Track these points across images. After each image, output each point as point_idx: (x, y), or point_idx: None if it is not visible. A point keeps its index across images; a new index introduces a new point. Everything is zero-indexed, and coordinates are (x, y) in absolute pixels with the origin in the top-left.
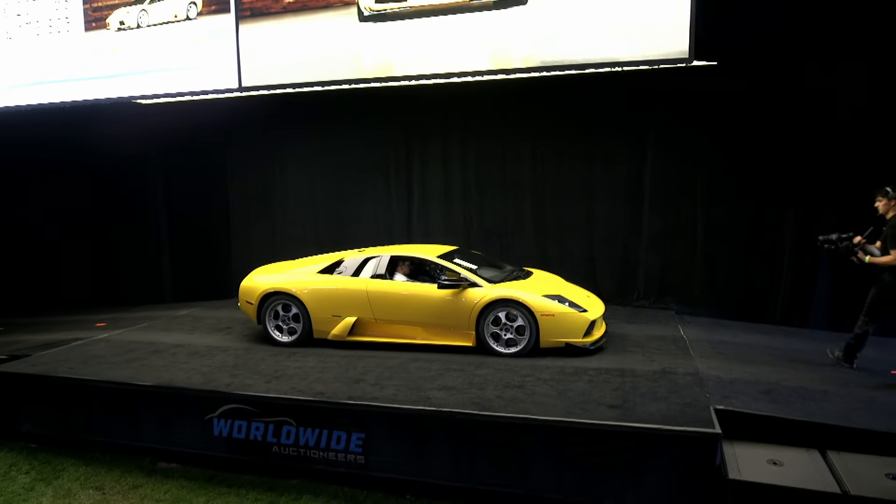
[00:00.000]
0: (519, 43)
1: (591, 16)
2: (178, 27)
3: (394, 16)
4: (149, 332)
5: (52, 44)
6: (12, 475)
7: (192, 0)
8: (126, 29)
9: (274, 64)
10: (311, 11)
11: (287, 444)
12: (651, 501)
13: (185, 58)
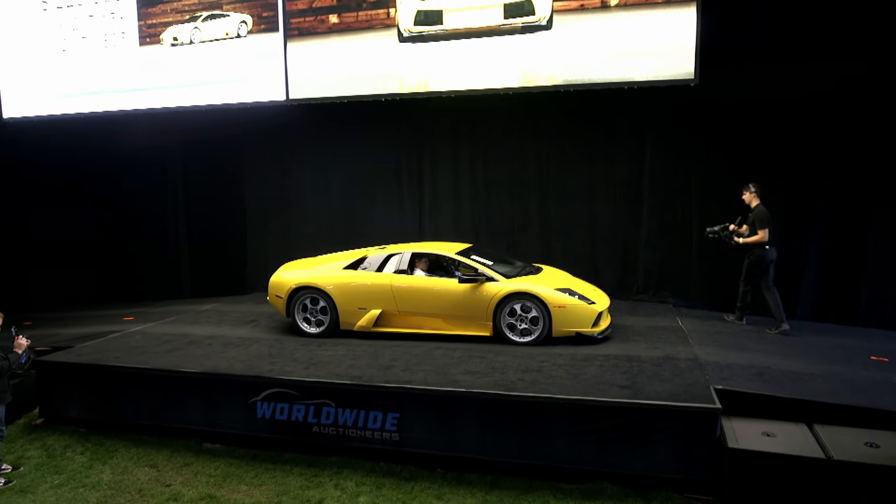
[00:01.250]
0: (544, 63)
1: (609, 42)
2: (230, 43)
3: (431, 37)
4: (179, 325)
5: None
6: (69, 455)
7: (243, 19)
8: (179, 45)
9: (319, 78)
10: (354, 32)
11: (327, 424)
12: (659, 469)
13: (235, 72)
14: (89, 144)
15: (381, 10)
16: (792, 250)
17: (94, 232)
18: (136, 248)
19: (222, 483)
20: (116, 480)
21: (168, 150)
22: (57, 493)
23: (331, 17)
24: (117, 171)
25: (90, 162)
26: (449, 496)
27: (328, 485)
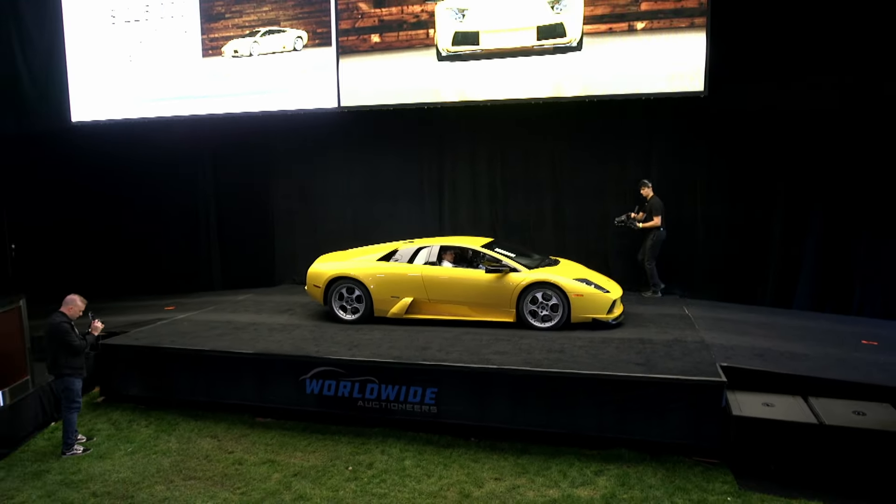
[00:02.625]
0: (572, 79)
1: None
2: (286, 56)
3: (467, 56)
4: (221, 313)
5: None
6: (135, 428)
7: (299, 35)
8: (239, 57)
9: (367, 89)
10: (396, 51)
11: (371, 399)
12: (672, 435)
13: (291, 82)
14: (134, 148)
15: (420, 30)
16: (791, 246)
17: (133, 227)
18: (170, 243)
19: (279, 450)
20: (183, 448)
21: (200, 153)
22: (133, 459)
23: (373, 36)
24: (154, 171)
25: (133, 163)
26: (484, 460)
27: (375, 451)
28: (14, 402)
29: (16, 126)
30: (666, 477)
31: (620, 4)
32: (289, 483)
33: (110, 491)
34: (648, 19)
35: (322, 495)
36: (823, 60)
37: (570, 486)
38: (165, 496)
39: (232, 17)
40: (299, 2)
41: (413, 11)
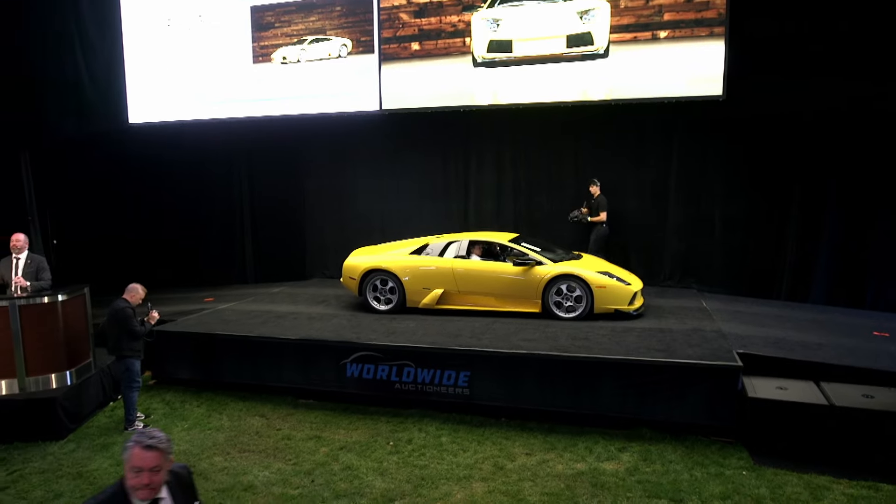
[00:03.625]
0: (599, 84)
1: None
2: (332, 63)
3: (501, 63)
4: (259, 304)
5: (223, 72)
6: (188, 407)
7: (344, 42)
8: (287, 63)
9: (408, 93)
10: (434, 58)
11: (407, 382)
12: (691, 416)
13: (337, 86)
14: (178, 148)
15: (457, 39)
16: (806, 243)
17: (172, 222)
18: (207, 237)
19: (323, 428)
20: (235, 425)
21: (237, 153)
22: (190, 434)
23: (413, 44)
24: (194, 170)
25: (175, 163)
26: (515, 438)
27: (413, 429)
28: (79, 381)
29: (77, 127)
30: (685, 453)
31: (645, 15)
32: (336, 455)
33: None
34: (671, 28)
35: (367, 466)
36: (837, 66)
37: (596, 460)
38: (224, 466)
39: (281, 26)
40: (344, 12)
41: (451, 21)
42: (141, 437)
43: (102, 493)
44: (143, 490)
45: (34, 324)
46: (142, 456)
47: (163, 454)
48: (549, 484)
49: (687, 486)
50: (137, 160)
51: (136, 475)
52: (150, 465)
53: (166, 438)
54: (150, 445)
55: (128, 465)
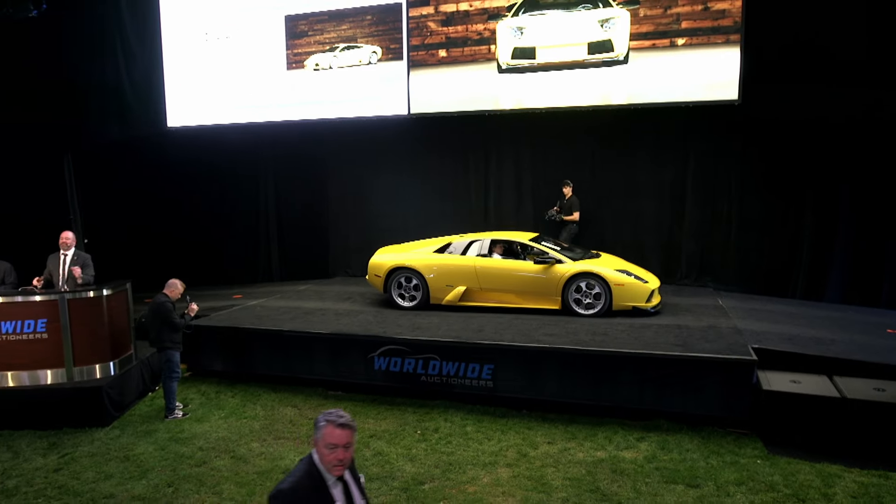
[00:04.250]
0: (619, 89)
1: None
2: (363, 69)
3: (525, 69)
4: (287, 300)
5: (258, 78)
6: (223, 398)
7: (374, 50)
8: (320, 70)
9: (435, 98)
10: (461, 64)
11: (433, 374)
12: (707, 408)
13: (367, 91)
14: (208, 151)
15: (483, 46)
16: (822, 242)
17: (201, 221)
18: (234, 237)
19: (353, 417)
20: (269, 414)
21: (263, 156)
22: (227, 422)
23: (440, 51)
24: (223, 171)
25: (205, 165)
26: (537, 428)
27: (439, 419)
28: (122, 372)
29: (119, 131)
30: (702, 443)
31: (663, 23)
32: (367, 442)
33: (213, 446)
34: (688, 36)
35: (397, 452)
36: (851, 74)
37: (616, 449)
38: (261, 451)
39: (314, 34)
40: (375, 21)
41: (476, 29)
42: (331, 416)
43: (295, 472)
44: (338, 466)
45: (81, 316)
46: (335, 434)
47: (353, 432)
48: (571, 470)
49: (703, 472)
50: (173, 163)
51: (331, 451)
52: (343, 441)
53: (352, 418)
54: (342, 424)
55: (322, 443)
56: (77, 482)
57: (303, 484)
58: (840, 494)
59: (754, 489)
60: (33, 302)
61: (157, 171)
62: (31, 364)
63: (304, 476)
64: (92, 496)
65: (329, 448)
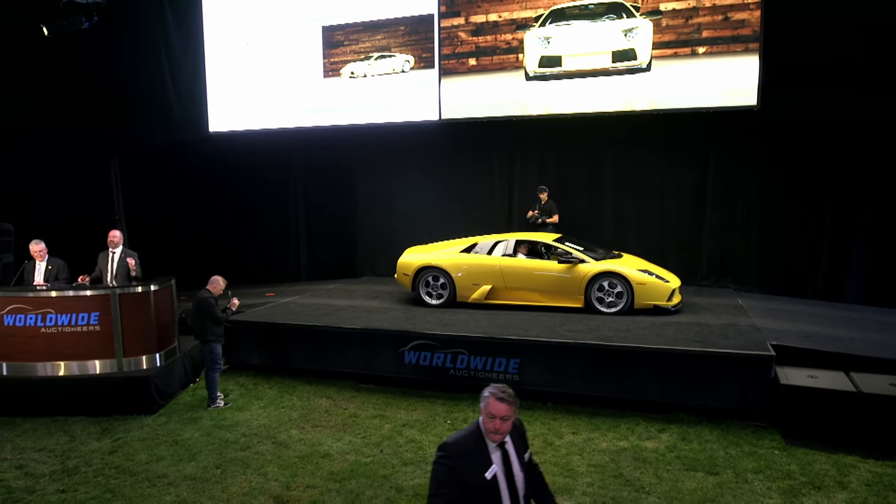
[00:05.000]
0: (641, 95)
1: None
2: (396, 77)
3: (551, 77)
4: (318, 298)
5: (296, 85)
6: (261, 389)
7: (407, 59)
8: (355, 77)
9: (465, 104)
10: (490, 72)
11: (461, 368)
12: (726, 402)
13: (400, 98)
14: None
15: (511, 55)
16: (841, 243)
17: (234, 222)
18: (265, 237)
19: (385, 408)
20: (305, 405)
21: (292, 161)
22: (266, 411)
23: (470, 60)
24: (254, 174)
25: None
26: (561, 419)
27: (467, 410)
28: (167, 363)
29: (163, 136)
30: (721, 435)
31: (685, 32)
32: (400, 430)
33: (255, 433)
34: (709, 45)
35: (429, 440)
36: (867, 81)
37: (638, 439)
38: (301, 438)
39: (350, 44)
40: (408, 31)
41: (505, 39)
42: (495, 390)
43: (463, 430)
44: (495, 434)
45: (130, 310)
46: (496, 405)
47: (512, 406)
48: (595, 457)
49: (722, 461)
50: (212, 167)
51: (490, 420)
52: (501, 413)
53: (515, 395)
54: (502, 398)
55: (484, 411)
56: (131, 463)
57: (466, 441)
58: (855, 483)
59: (771, 477)
60: (87, 296)
61: (197, 174)
62: (85, 354)
63: (469, 435)
64: (147, 475)
65: (489, 417)
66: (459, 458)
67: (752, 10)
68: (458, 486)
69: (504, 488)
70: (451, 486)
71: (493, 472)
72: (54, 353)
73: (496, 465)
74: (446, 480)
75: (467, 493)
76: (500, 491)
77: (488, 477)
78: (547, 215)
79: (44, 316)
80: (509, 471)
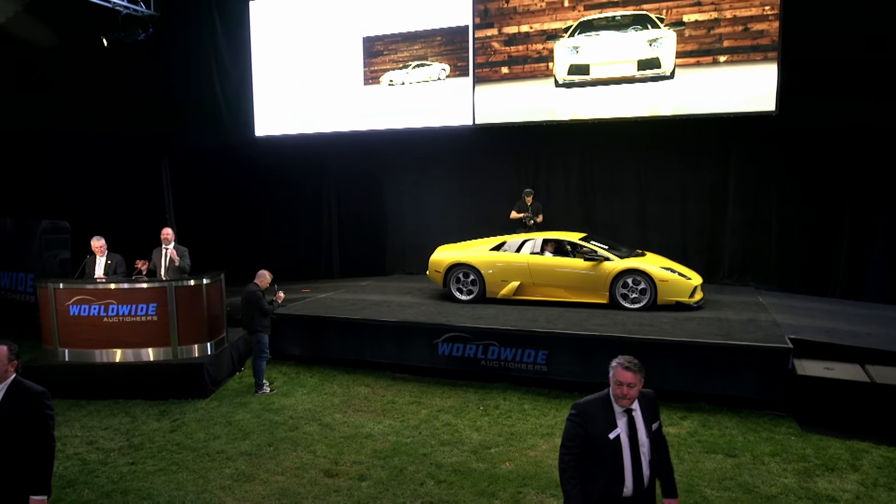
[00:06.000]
0: (665, 101)
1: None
2: (433, 84)
3: (580, 84)
4: (353, 294)
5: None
6: (303, 378)
7: (443, 67)
8: (394, 85)
9: (497, 110)
10: (521, 80)
11: (492, 360)
12: (745, 392)
13: (436, 104)
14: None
15: (541, 63)
16: (860, 243)
17: (271, 221)
18: (299, 236)
19: (421, 395)
20: (345, 392)
21: (327, 164)
22: (310, 397)
23: (503, 68)
24: (291, 176)
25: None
26: None
27: (498, 398)
28: (217, 352)
29: (211, 139)
30: (740, 422)
31: (707, 42)
32: (436, 415)
33: (301, 416)
34: (729, 54)
35: (464, 424)
36: (885, 85)
37: None
38: (344, 420)
39: (389, 53)
40: (444, 41)
41: (536, 49)
42: (622, 360)
43: (594, 395)
44: (622, 399)
45: (185, 302)
46: (623, 374)
47: (637, 375)
48: None
49: (741, 445)
50: (255, 168)
51: (618, 387)
52: (628, 380)
53: (641, 365)
54: (628, 367)
55: (613, 379)
56: (191, 441)
57: (595, 404)
58: (867, 465)
59: (787, 459)
60: (146, 288)
61: (242, 175)
62: (143, 342)
63: (598, 399)
64: (206, 451)
65: (617, 384)
66: (587, 416)
67: (770, 20)
68: (586, 441)
69: (627, 450)
70: (579, 440)
71: (616, 433)
72: (115, 341)
73: (621, 428)
74: (575, 435)
75: (592, 450)
76: (623, 451)
77: (611, 437)
78: (536, 216)
79: (106, 306)
80: (634, 435)
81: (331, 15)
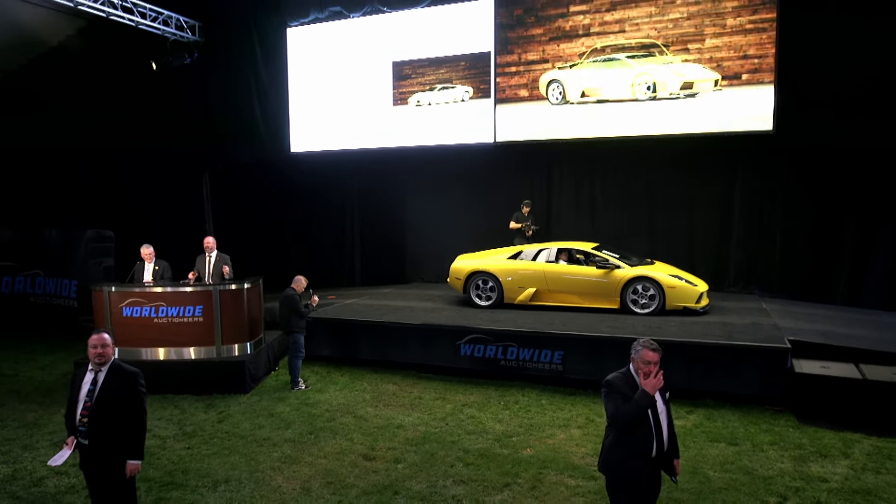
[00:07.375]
0: (673, 120)
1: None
2: (457, 105)
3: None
4: (377, 300)
5: (368, 112)
6: (334, 377)
7: (467, 89)
8: (421, 105)
9: (516, 128)
10: (539, 101)
11: (511, 360)
12: (747, 389)
13: (460, 123)
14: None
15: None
16: (861, 253)
17: (297, 231)
18: (323, 246)
19: (445, 392)
20: (375, 389)
21: (350, 178)
22: (342, 393)
23: (522, 90)
24: (315, 190)
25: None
26: (601, 403)
27: (517, 394)
28: (256, 351)
29: (250, 155)
30: (742, 416)
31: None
32: (460, 409)
33: (337, 409)
34: (729, 78)
35: (486, 417)
36: (878, 105)
37: None
38: (376, 413)
39: (417, 76)
40: (468, 66)
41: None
42: (645, 342)
43: (618, 371)
44: (650, 376)
45: (227, 304)
46: (649, 354)
47: (658, 354)
48: None
49: (742, 435)
50: (288, 182)
51: (645, 365)
52: (653, 360)
53: (659, 346)
54: (653, 348)
55: (639, 359)
56: (238, 429)
57: (620, 378)
58: (857, 453)
59: (784, 447)
60: (192, 292)
61: (274, 190)
62: (190, 342)
63: (622, 375)
64: (253, 438)
65: (644, 363)
66: (616, 386)
67: (767, 47)
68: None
69: (650, 416)
70: (620, 395)
71: None
72: (164, 341)
73: None
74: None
75: None
76: (649, 417)
77: None
78: (533, 225)
79: (156, 308)
80: (653, 403)
81: (363, 41)
